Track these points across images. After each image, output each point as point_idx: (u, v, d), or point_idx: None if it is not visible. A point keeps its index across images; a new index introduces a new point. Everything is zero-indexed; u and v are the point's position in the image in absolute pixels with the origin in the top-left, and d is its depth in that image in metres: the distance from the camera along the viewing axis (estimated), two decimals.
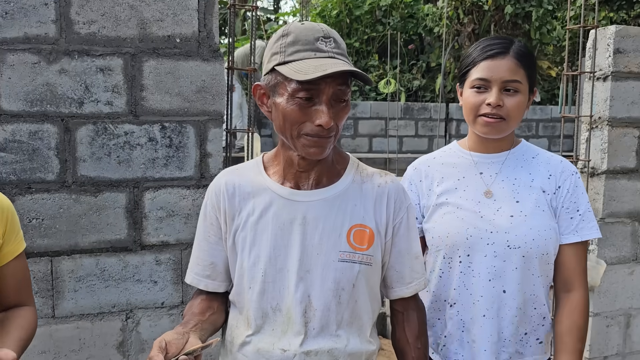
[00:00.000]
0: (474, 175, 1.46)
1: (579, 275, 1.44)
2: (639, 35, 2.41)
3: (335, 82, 1.08)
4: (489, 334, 1.40)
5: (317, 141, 1.10)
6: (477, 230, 1.40)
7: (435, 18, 10.01)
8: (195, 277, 1.27)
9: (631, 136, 2.46)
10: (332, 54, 1.09)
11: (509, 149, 1.47)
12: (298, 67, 1.06)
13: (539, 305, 1.43)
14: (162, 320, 1.90)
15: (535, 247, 1.38)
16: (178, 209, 1.88)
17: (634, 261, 2.53)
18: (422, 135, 8.82)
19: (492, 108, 1.36)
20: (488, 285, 1.39)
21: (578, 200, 1.43)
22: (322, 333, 1.16)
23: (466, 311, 1.42)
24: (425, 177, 1.51)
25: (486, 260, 1.39)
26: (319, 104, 1.08)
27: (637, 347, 2.59)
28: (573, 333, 1.41)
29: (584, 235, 1.42)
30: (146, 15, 1.80)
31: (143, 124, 1.83)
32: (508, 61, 1.37)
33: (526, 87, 1.39)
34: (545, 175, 1.44)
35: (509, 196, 1.41)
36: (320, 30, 1.11)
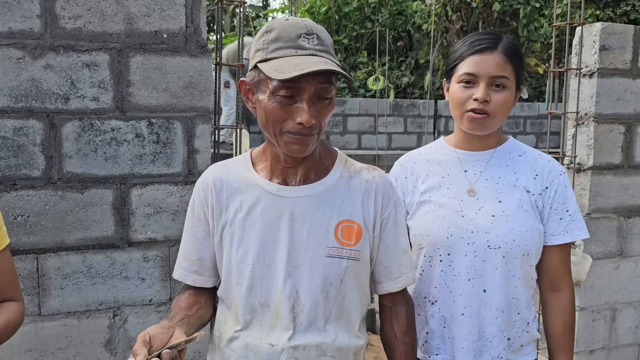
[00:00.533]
0: (458, 173, 1.45)
1: (566, 274, 1.45)
2: (624, 33, 2.44)
3: (317, 81, 1.07)
4: (467, 332, 1.40)
5: (299, 139, 1.10)
6: (458, 229, 1.39)
7: (423, 15, 10.03)
8: (182, 272, 1.27)
9: (616, 132, 2.49)
10: (314, 51, 1.08)
11: (495, 146, 1.46)
12: (278, 65, 1.06)
13: (522, 309, 1.41)
14: (150, 317, 1.89)
15: (516, 247, 1.36)
16: (165, 206, 1.87)
17: (620, 256, 2.56)
18: (411, 132, 8.85)
19: (479, 103, 1.35)
20: (467, 284, 1.39)
21: (567, 201, 1.42)
22: (310, 328, 1.16)
23: (447, 308, 1.42)
24: (410, 173, 1.50)
25: (466, 260, 1.38)
26: (300, 102, 1.08)
27: (622, 341, 2.62)
28: (566, 333, 1.43)
29: (574, 235, 1.42)
30: (133, 10, 1.78)
31: (130, 120, 1.81)
32: (496, 56, 1.35)
33: (513, 83, 1.38)
34: (530, 175, 1.42)
35: (491, 195, 1.40)
36: (303, 26, 1.09)
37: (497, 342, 1.40)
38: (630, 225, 2.56)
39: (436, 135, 9.00)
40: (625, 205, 2.54)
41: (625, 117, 2.49)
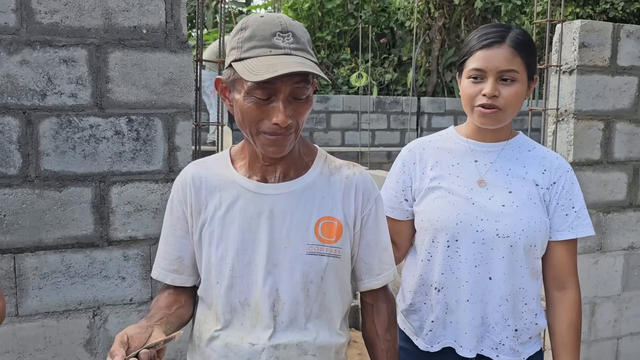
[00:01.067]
0: (468, 163, 1.45)
1: (572, 272, 1.44)
2: (603, 30, 2.46)
3: (292, 81, 1.05)
4: (471, 318, 1.41)
5: (275, 140, 1.08)
6: (468, 216, 1.39)
7: (406, 12, 10.06)
8: (161, 271, 1.25)
9: (596, 129, 2.52)
10: (289, 50, 1.06)
11: (506, 139, 1.46)
12: (251, 66, 1.04)
13: (529, 300, 1.42)
14: (131, 316, 1.86)
15: (523, 237, 1.37)
16: (146, 204, 1.85)
17: (599, 251, 2.59)
18: (394, 128, 8.88)
19: (488, 99, 1.35)
20: (474, 271, 1.40)
21: (574, 197, 1.43)
22: (290, 326, 1.16)
23: (451, 295, 1.43)
24: (419, 160, 1.50)
25: (474, 247, 1.39)
26: (276, 102, 1.06)
27: (601, 335, 2.66)
28: (572, 332, 1.42)
29: (579, 232, 1.42)
30: (111, 5, 1.75)
31: (109, 117, 1.79)
32: (504, 50, 1.34)
33: (524, 75, 1.37)
34: (539, 170, 1.43)
35: (501, 186, 1.41)
36: (278, 24, 1.07)
37: (499, 329, 1.41)
38: (609, 220, 2.59)
39: (419, 132, 9.05)
40: (604, 200, 2.57)
41: (604, 114, 2.52)
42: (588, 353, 2.64)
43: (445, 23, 9.95)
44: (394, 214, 1.54)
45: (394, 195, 1.54)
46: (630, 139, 2.59)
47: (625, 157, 2.59)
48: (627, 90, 2.55)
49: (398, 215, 1.54)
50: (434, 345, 1.46)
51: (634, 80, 2.56)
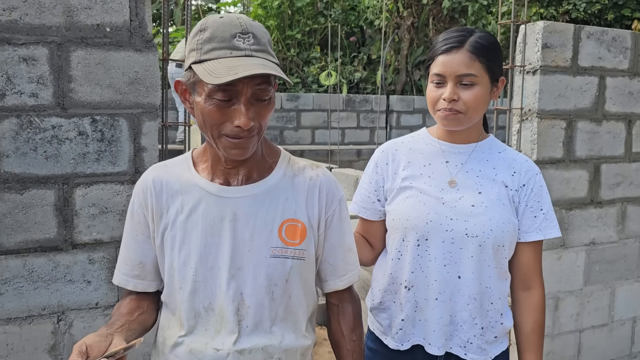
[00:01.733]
0: (440, 164, 1.47)
1: (538, 272, 1.48)
2: (565, 31, 2.53)
3: (254, 83, 1.04)
4: (439, 316, 1.43)
5: (238, 142, 1.07)
6: (438, 215, 1.41)
7: (375, 11, 10.12)
8: (123, 277, 1.23)
9: (558, 128, 2.58)
10: (249, 51, 1.04)
11: (476, 141, 1.49)
12: (211, 68, 1.02)
13: (495, 299, 1.44)
14: (97, 321, 1.83)
15: (492, 237, 1.40)
16: (112, 206, 1.81)
17: (562, 247, 2.66)
18: (364, 126, 8.93)
19: (447, 103, 1.38)
20: (443, 270, 1.42)
21: (542, 200, 1.46)
22: (256, 330, 1.15)
23: (421, 293, 1.44)
24: (392, 160, 1.52)
25: (443, 246, 1.41)
26: (238, 104, 1.05)
27: (565, 329, 2.74)
28: (536, 331, 1.46)
29: (547, 233, 1.45)
30: (73, 3, 1.71)
31: (72, 117, 1.74)
32: (462, 55, 1.37)
33: (485, 78, 1.39)
34: (509, 172, 1.45)
35: (472, 187, 1.43)
36: (238, 25, 1.05)
37: (467, 328, 1.43)
38: (572, 217, 2.67)
39: (388, 130, 9.12)
40: (566, 198, 2.64)
41: (566, 113, 2.59)
42: (552, 346, 2.71)
43: (413, 22, 10.04)
44: (367, 214, 1.56)
45: (367, 195, 1.55)
46: (591, 137, 2.66)
47: (586, 156, 2.66)
48: (588, 90, 2.62)
49: (371, 215, 1.55)
50: (404, 343, 1.48)
51: (594, 81, 2.63)
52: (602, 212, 2.74)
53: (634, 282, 2.90)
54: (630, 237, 2.85)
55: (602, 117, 2.68)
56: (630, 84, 2.72)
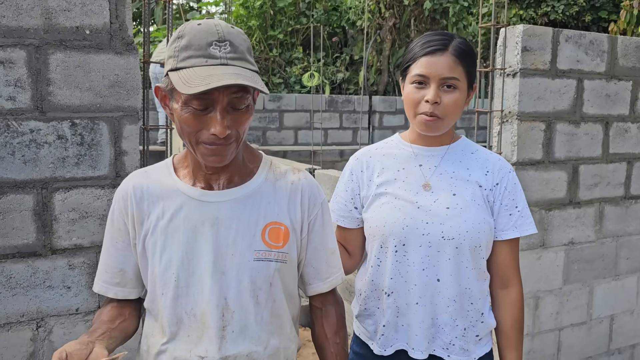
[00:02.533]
0: (413, 167, 1.48)
1: (515, 270, 1.49)
2: (544, 35, 2.56)
3: (230, 91, 1.04)
4: (421, 320, 1.44)
5: (215, 149, 1.07)
6: (414, 220, 1.42)
7: (357, 11, 10.15)
8: (103, 285, 1.22)
9: (538, 129, 2.62)
10: (225, 60, 1.04)
11: (449, 143, 1.50)
12: (186, 77, 1.01)
13: (475, 300, 1.45)
14: (77, 327, 1.80)
15: (468, 238, 1.40)
16: (92, 210, 1.79)
17: (541, 247, 2.70)
18: (347, 127, 8.95)
19: (430, 105, 1.38)
20: (422, 274, 1.42)
21: (516, 198, 1.47)
22: (241, 335, 1.14)
23: (402, 298, 1.45)
24: (366, 167, 1.53)
25: (421, 250, 1.42)
26: (213, 112, 1.04)
27: (545, 327, 2.78)
28: (515, 328, 1.48)
29: (522, 231, 1.46)
30: (51, 5, 1.69)
31: (51, 121, 1.72)
32: (447, 58, 1.37)
33: (464, 83, 1.41)
34: (482, 172, 1.46)
35: (446, 189, 1.44)
36: (215, 32, 1.05)
37: (448, 330, 1.44)
38: (551, 217, 2.71)
39: (371, 130, 9.15)
40: (546, 198, 2.68)
41: (545, 115, 2.62)
42: (532, 345, 2.74)
43: (395, 23, 10.09)
44: (345, 222, 1.56)
45: (344, 204, 1.56)
46: (569, 139, 2.71)
47: (565, 157, 2.70)
48: (566, 93, 2.66)
49: (348, 223, 1.55)
50: (387, 348, 1.49)
51: (572, 83, 2.67)
52: (581, 212, 2.79)
53: (612, 280, 2.95)
54: (607, 237, 2.90)
55: (580, 119, 2.72)
56: (607, 86, 2.78)
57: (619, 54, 2.78)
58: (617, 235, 2.93)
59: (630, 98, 2.86)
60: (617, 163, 2.87)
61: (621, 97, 2.83)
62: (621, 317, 3.03)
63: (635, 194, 2.95)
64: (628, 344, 3.09)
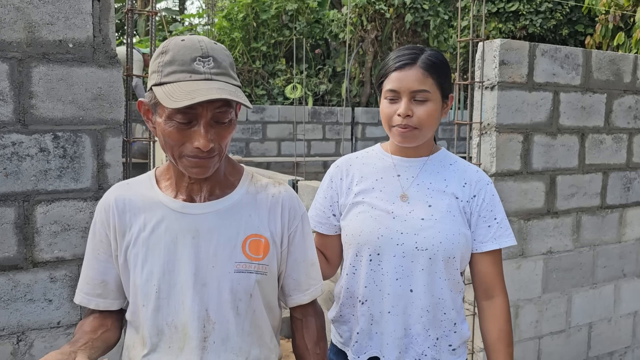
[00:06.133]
0: (391, 177, 1.50)
1: (498, 281, 1.49)
2: (520, 49, 2.63)
3: (213, 106, 1.06)
4: (392, 329, 1.45)
5: (198, 162, 1.09)
6: (388, 230, 1.44)
7: (340, 24, 10.25)
8: (85, 296, 1.22)
9: (516, 141, 2.68)
10: (209, 75, 1.06)
11: (427, 155, 1.51)
12: (170, 91, 1.03)
13: (448, 310, 1.46)
14: (59, 340, 1.79)
15: (442, 250, 1.41)
16: (74, 223, 1.79)
17: (521, 256, 2.75)
18: (330, 138, 8.99)
19: (402, 119, 1.41)
20: (395, 283, 1.44)
21: (495, 209, 1.47)
22: (222, 346, 1.15)
23: (375, 306, 1.47)
24: (346, 175, 1.55)
25: (395, 260, 1.43)
26: (197, 126, 1.06)
27: (524, 335, 2.82)
28: (502, 340, 1.46)
29: (502, 242, 1.47)
30: (34, 18, 1.69)
31: (33, 134, 1.72)
32: (415, 71, 1.40)
33: (437, 95, 1.43)
34: (460, 183, 1.48)
35: (422, 200, 1.46)
36: (199, 48, 1.07)
37: (421, 340, 1.45)
38: (530, 227, 2.76)
39: (354, 142, 9.21)
40: (524, 208, 2.73)
41: (523, 127, 2.69)
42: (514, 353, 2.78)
43: (377, 35, 10.22)
44: (322, 228, 1.58)
45: (322, 210, 1.58)
46: (546, 150, 2.77)
47: (542, 168, 2.77)
48: (543, 105, 2.73)
49: (326, 230, 1.58)
50: (361, 355, 1.50)
51: (548, 96, 2.74)
52: (558, 222, 2.85)
53: (589, 289, 3.01)
54: (585, 246, 2.96)
55: (557, 131, 2.79)
56: (582, 99, 2.85)
57: (593, 67, 2.86)
58: (594, 244, 3.00)
59: (605, 110, 2.94)
60: (593, 173, 2.94)
61: (596, 109, 2.91)
62: (599, 325, 3.09)
63: (611, 203, 3.03)
64: (606, 351, 3.15)
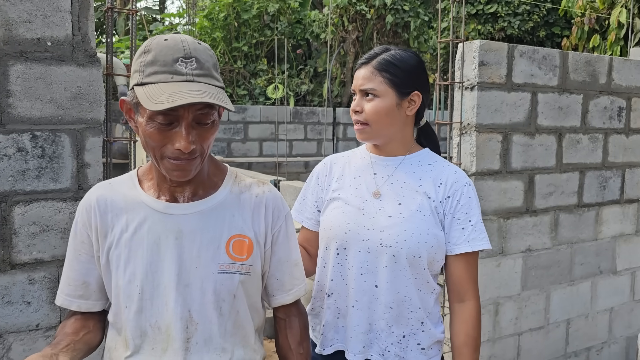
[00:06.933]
0: (368, 175, 1.53)
1: (471, 285, 1.47)
2: (499, 50, 2.67)
3: (195, 108, 1.04)
4: (356, 324, 1.46)
5: (179, 164, 1.08)
6: (356, 225, 1.46)
7: (321, 24, 10.26)
8: (66, 298, 1.21)
9: (495, 141, 2.72)
10: (191, 76, 1.04)
11: (404, 154, 1.52)
12: (151, 93, 1.02)
13: (415, 308, 1.45)
14: (38, 343, 1.76)
15: (406, 248, 1.41)
16: (53, 224, 1.76)
17: (500, 254, 2.79)
18: (311, 138, 9.00)
19: (353, 113, 1.50)
20: (360, 278, 1.45)
21: (470, 212, 1.45)
22: (205, 347, 1.15)
23: (341, 300, 1.49)
24: (329, 172, 1.59)
25: (360, 255, 1.45)
26: (179, 128, 1.05)
27: (504, 332, 2.86)
28: (469, 345, 1.44)
29: (475, 245, 1.45)
30: (11, 16, 1.67)
31: (10, 133, 1.69)
32: (366, 70, 1.48)
33: (388, 92, 1.45)
34: (435, 183, 1.47)
35: (393, 198, 1.47)
36: (181, 49, 1.05)
37: (385, 336, 1.46)
38: (509, 225, 2.80)
39: (335, 142, 9.23)
40: (504, 207, 2.77)
41: (502, 127, 2.72)
42: (493, 350, 2.82)
43: (358, 36, 10.25)
44: (309, 224, 1.61)
45: (310, 206, 1.61)
46: (525, 150, 2.81)
47: (521, 167, 2.81)
48: (522, 105, 2.78)
49: (312, 225, 1.60)
50: (326, 348, 1.52)
51: (527, 96, 2.79)
52: (537, 220, 2.90)
53: (567, 286, 3.07)
54: (562, 244, 3.02)
55: (535, 131, 2.84)
56: (559, 99, 2.90)
57: (570, 68, 2.91)
58: (572, 242, 3.05)
59: (581, 110, 3.00)
60: (570, 173, 3.00)
61: (573, 109, 2.97)
62: (577, 321, 3.15)
63: (588, 202, 3.09)
64: (584, 347, 3.21)
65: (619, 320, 3.35)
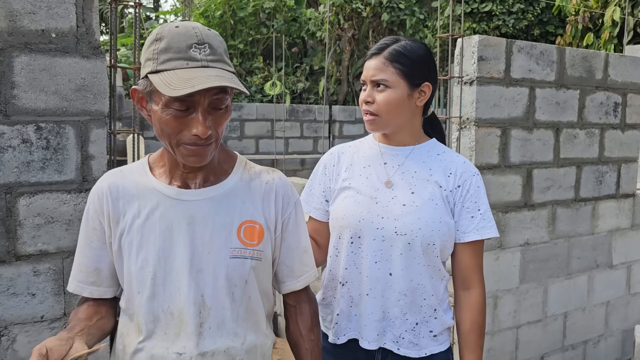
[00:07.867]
0: (378, 165, 1.54)
1: (477, 272, 1.50)
2: (498, 45, 2.69)
3: (210, 93, 1.06)
4: (370, 312, 1.48)
5: (196, 150, 1.09)
6: (370, 214, 1.47)
7: (317, 22, 10.27)
8: (78, 284, 1.21)
9: (494, 135, 2.74)
10: (206, 62, 1.06)
11: (413, 144, 1.54)
12: (168, 79, 1.03)
13: (428, 296, 1.48)
14: (43, 335, 1.77)
15: (420, 236, 1.44)
16: (58, 215, 1.77)
17: (499, 248, 2.81)
18: (307, 136, 9.01)
19: (364, 104, 1.51)
20: (374, 266, 1.47)
21: (479, 200, 1.49)
22: (218, 332, 1.16)
23: (355, 289, 1.50)
24: (337, 162, 1.59)
25: (374, 244, 1.46)
26: (195, 113, 1.06)
27: (503, 325, 2.89)
28: (474, 331, 1.48)
29: (484, 233, 1.48)
30: (16, 7, 1.67)
31: (15, 125, 1.69)
32: (377, 61, 1.48)
33: (400, 83, 1.46)
34: (445, 173, 1.49)
35: (405, 187, 1.49)
36: (194, 35, 1.06)
37: (399, 323, 1.48)
38: (508, 219, 2.83)
39: (331, 139, 9.25)
40: (503, 201, 2.80)
41: (501, 122, 2.75)
42: (492, 343, 2.84)
43: (354, 34, 10.27)
44: (317, 214, 1.61)
45: (317, 196, 1.62)
46: (523, 144, 2.84)
47: (519, 161, 2.83)
48: (520, 100, 2.80)
49: (320, 216, 1.61)
50: (340, 337, 1.53)
51: (525, 91, 2.81)
52: (535, 214, 2.92)
53: (564, 279, 3.10)
54: (560, 237, 3.05)
55: (533, 126, 2.86)
56: (557, 94, 2.93)
57: (567, 64, 2.94)
58: (569, 235, 3.08)
59: (578, 106, 3.03)
60: (567, 167, 3.02)
61: (570, 104, 3.00)
62: (574, 314, 3.18)
63: (584, 196, 3.12)
64: (580, 339, 3.24)
65: (615, 314, 3.39)
